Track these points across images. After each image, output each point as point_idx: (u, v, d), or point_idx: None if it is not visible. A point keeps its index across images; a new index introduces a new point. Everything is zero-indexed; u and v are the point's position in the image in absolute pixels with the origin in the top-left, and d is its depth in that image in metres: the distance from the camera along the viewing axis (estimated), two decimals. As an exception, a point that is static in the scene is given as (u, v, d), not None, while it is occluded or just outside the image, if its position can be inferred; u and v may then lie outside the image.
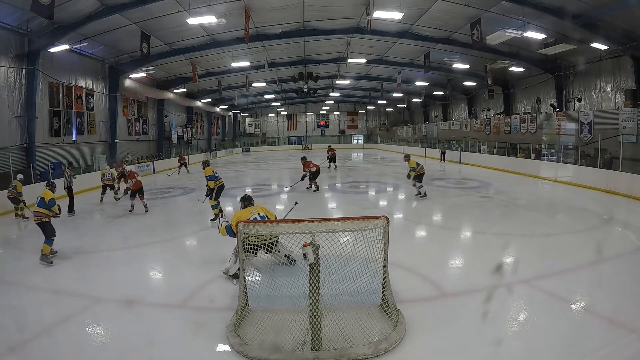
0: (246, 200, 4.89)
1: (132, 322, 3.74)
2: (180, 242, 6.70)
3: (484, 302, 3.60)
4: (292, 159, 28.20)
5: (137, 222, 7.98)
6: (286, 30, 16.37)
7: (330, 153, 17.36)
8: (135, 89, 20.19)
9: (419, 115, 38.24)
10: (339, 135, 43.56)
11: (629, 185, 9.40)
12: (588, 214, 8.04)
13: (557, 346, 3.14)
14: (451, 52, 18.39)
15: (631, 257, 5.26)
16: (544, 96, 19.48)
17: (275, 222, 3.91)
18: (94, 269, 5.26)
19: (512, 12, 12.46)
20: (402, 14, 12.53)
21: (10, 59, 12.14)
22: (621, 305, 3.73)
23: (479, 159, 18.66)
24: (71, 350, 3.30)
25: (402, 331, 3.28)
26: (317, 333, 3.03)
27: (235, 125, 43.82)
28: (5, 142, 12.01)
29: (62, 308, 4.01)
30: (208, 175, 7.60)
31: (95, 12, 12.13)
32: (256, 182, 15.02)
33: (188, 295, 4.26)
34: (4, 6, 10.39)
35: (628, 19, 11.72)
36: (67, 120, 15.38)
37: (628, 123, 12.72)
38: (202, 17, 12.36)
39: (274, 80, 25.49)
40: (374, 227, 3.31)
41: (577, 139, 14.74)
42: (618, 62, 14.62)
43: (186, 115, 29.65)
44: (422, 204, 9.43)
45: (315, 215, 6.39)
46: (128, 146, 20.46)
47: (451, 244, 6.22)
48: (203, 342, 3.34)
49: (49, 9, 9.37)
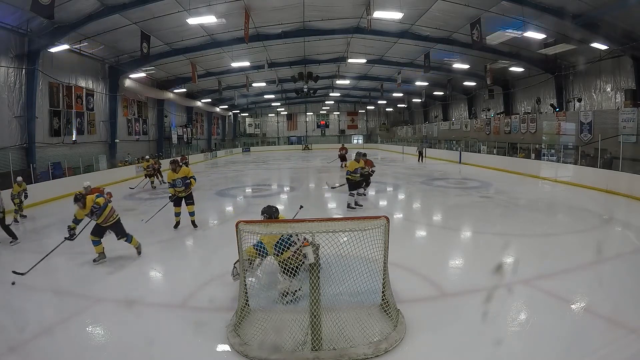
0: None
1: (132, 322, 3.74)
2: (180, 242, 6.69)
3: (484, 302, 3.60)
4: (292, 159, 28.26)
5: (137, 222, 7.96)
6: (286, 30, 16.37)
7: (343, 152, 18.38)
8: (135, 89, 20.19)
9: (419, 115, 38.24)
10: (339, 135, 43.51)
11: (629, 185, 9.40)
12: (588, 214, 8.05)
13: (557, 346, 3.14)
14: (451, 52, 18.39)
15: (631, 257, 5.26)
16: (544, 96, 19.48)
17: (275, 222, 3.90)
18: (94, 269, 5.26)
19: (512, 12, 12.47)
20: (402, 14, 12.52)
21: (10, 59, 12.13)
22: (621, 305, 3.74)
23: (479, 159, 18.68)
24: (71, 350, 3.30)
25: (402, 331, 3.28)
26: (317, 333, 3.03)
27: (235, 125, 43.82)
28: (5, 142, 12.00)
29: (62, 308, 4.01)
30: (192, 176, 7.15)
31: (95, 12, 12.12)
32: (256, 182, 15.01)
33: (188, 295, 4.26)
34: (4, 6, 10.38)
35: (628, 19, 11.71)
36: (67, 120, 15.37)
37: (628, 123, 12.72)
38: (202, 17, 12.36)
39: (274, 80, 25.47)
40: (374, 227, 3.31)
41: (577, 139, 14.74)
42: (618, 62, 14.62)
43: (186, 115, 29.64)
44: (422, 204, 9.44)
45: (315, 215, 6.40)
46: (128, 146, 20.45)
47: (451, 244, 6.22)
48: (203, 342, 3.34)
49: (49, 9, 9.37)
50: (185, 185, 7.01)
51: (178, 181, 6.99)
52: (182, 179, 7.00)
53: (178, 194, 7.07)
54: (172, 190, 7.09)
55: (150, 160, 13.88)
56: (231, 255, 4.14)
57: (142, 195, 12.02)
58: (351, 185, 8.35)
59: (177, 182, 6.99)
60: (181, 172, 7.02)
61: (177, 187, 7.00)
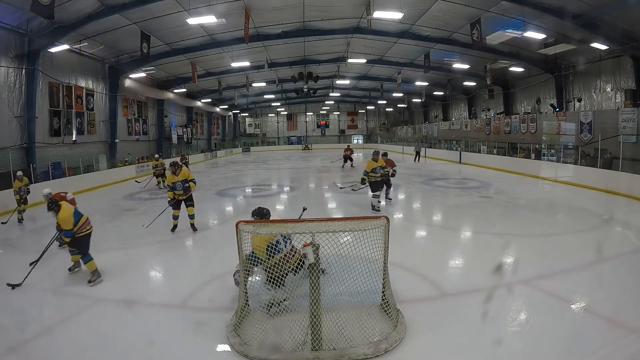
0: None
1: (132, 322, 3.74)
2: (180, 242, 6.69)
3: (484, 302, 3.60)
4: (292, 159, 28.26)
5: (137, 222, 7.97)
6: (286, 30, 16.37)
7: (348, 152, 18.69)
8: (135, 89, 20.19)
9: (419, 115, 38.24)
10: (339, 135, 43.56)
11: (629, 185, 9.40)
12: (588, 214, 8.05)
13: (557, 346, 3.14)
14: (451, 52, 18.39)
15: (631, 257, 5.26)
16: (544, 96, 19.48)
17: (274, 222, 3.90)
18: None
19: (512, 12, 12.46)
20: (402, 14, 12.52)
21: (10, 59, 12.13)
22: (621, 305, 3.74)
23: (479, 159, 18.69)
24: (71, 350, 3.30)
25: (402, 331, 3.28)
26: (317, 333, 3.03)
27: (235, 125, 43.82)
28: (5, 142, 12.00)
29: (62, 308, 4.02)
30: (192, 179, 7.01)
31: (95, 12, 12.12)
32: (256, 182, 15.02)
33: (188, 295, 4.27)
34: (4, 6, 10.38)
35: (628, 19, 11.71)
36: (67, 120, 15.37)
37: (628, 123, 12.72)
38: (202, 17, 12.35)
39: (274, 80, 25.47)
40: (374, 227, 3.31)
41: (577, 139, 14.74)
42: (618, 62, 14.62)
43: (186, 115, 29.65)
44: (422, 204, 9.44)
45: (315, 215, 6.40)
46: (128, 146, 20.45)
47: (451, 244, 6.22)
48: (203, 342, 3.34)
49: (49, 9, 9.37)
50: (184, 189, 6.89)
51: (178, 184, 6.81)
52: (182, 182, 6.83)
53: (177, 197, 6.92)
54: (171, 194, 6.90)
55: (159, 160, 13.49)
56: (231, 255, 4.12)
57: (142, 195, 12.02)
58: (372, 186, 8.06)
59: (177, 185, 6.81)
60: (181, 175, 6.85)
61: (177, 190, 6.89)
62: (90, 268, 4.75)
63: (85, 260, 4.78)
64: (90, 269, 4.75)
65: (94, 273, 4.72)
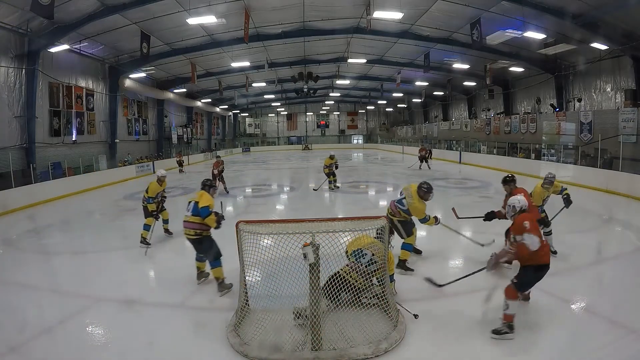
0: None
1: (132, 322, 3.74)
2: (180, 242, 6.66)
3: (484, 302, 3.60)
4: (292, 159, 28.24)
5: (137, 222, 7.96)
6: (286, 30, 16.36)
7: (423, 152, 17.31)
8: (135, 89, 20.19)
9: (419, 115, 38.23)
10: (339, 135, 43.55)
11: (629, 185, 9.40)
12: (588, 214, 8.03)
13: (557, 346, 3.14)
14: (451, 52, 18.39)
15: (631, 257, 5.27)
16: (544, 96, 19.47)
17: (275, 222, 3.90)
18: (94, 269, 5.26)
19: (512, 12, 12.46)
20: (402, 14, 12.52)
21: (10, 59, 12.13)
22: (621, 305, 3.74)
23: (479, 159, 18.69)
24: (71, 350, 3.30)
25: (402, 331, 3.28)
26: (317, 333, 3.03)
27: (235, 125, 43.81)
28: (5, 142, 12.00)
29: (62, 308, 4.01)
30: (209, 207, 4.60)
31: (95, 12, 12.12)
32: (256, 182, 15.01)
33: (188, 295, 4.27)
34: (4, 6, 10.38)
35: (628, 19, 11.71)
36: (67, 120, 15.38)
37: (628, 123, 12.71)
38: (202, 17, 12.35)
39: (274, 80, 25.47)
40: (374, 227, 3.32)
41: (577, 139, 14.74)
42: (618, 62, 14.61)
43: (186, 115, 29.64)
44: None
45: (315, 215, 6.39)
46: (128, 146, 20.46)
47: (451, 244, 6.21)
48: (203, 342, 3.34)
49: (49, 9, 9.37)
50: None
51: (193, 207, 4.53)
52: (195, 206, 4.47)
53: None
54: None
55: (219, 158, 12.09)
56: (231, 255, 4.11)
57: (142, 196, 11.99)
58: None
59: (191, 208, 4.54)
60: (202, 200, 4.52)
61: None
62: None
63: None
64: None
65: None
